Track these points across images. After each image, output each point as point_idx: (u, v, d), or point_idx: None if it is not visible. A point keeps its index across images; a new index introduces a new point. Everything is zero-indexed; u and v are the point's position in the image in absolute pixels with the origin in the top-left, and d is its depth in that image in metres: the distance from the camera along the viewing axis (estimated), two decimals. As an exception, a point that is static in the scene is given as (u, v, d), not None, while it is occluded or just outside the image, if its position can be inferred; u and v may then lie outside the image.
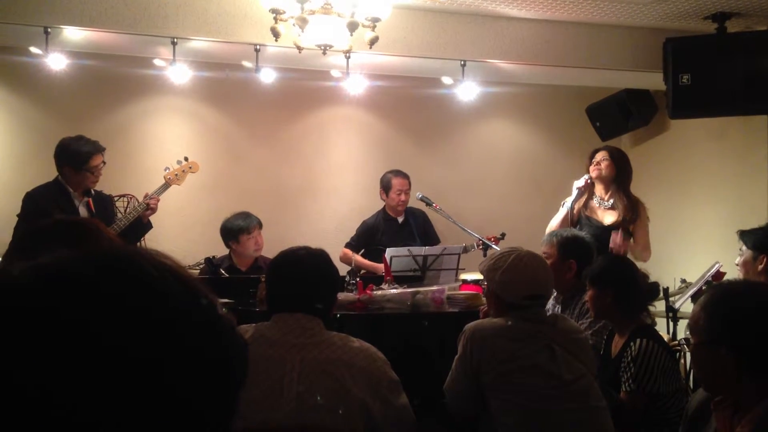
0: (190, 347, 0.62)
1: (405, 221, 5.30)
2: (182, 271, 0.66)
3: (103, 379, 0.56)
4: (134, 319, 0.59)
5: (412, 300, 3.56)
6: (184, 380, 0.61)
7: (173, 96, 5.48)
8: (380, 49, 4.31)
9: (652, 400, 2.82)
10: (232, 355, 0.66)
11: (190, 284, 0.66)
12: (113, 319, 0.58)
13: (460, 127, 6.17)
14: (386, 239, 5.09)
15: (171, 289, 0.63)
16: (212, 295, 0.67)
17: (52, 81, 4.89)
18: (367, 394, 2.14)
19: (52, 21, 4.16)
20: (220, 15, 4.40)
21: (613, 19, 4.83)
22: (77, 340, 0.57)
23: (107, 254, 0.66)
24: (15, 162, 5.24)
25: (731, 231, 4.12)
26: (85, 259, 0.63)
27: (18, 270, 0.60)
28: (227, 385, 0.66)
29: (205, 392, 0.63)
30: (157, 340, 0.60)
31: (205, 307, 0.66)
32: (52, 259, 0.62)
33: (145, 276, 0.63)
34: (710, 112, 4.84)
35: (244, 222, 4.71)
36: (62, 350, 0.56)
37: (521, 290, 2.57)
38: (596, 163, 4.36)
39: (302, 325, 2.21)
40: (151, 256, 0.66)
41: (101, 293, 0.59)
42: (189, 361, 0.61)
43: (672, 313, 4.06)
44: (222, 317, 0.67)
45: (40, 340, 0.56)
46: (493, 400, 2.48)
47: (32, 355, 0.55)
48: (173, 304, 0.62)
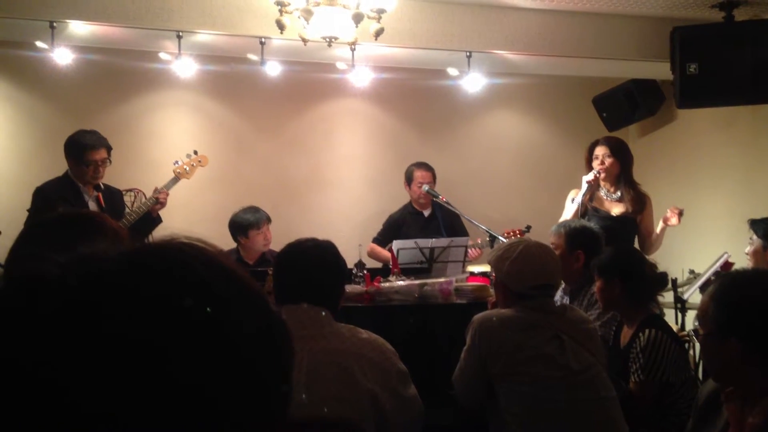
0: (239, 349, 0.60)
1: (431, 215, 5.19)
2: (231, 265, 0.64)
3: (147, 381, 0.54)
4: (177, 315, 0.57)
5: (420, 292, 3.56)
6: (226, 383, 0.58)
7: (179, 90, 5.48)
8: (386, 41, 4.29)
9: (662, 391, 2.82)
10: (285, 355, 0.65)
11: (241, 281, 0.63)
12: (156, 318, 0.56)
13: (466, 119, 6.15)
14: (412, 233, 4.98)
15: (221, 285, 0.61)
16: (262, 289, 0.65)
17: (58, 75, 4.89)
18: (376, 385, 2.14)
19: (58, 15, 4.16)
20: (225, 8, 4.39)
21: (619, 9, 4.80)
22: (121, 342, 0.55)
23: (151, 247, 0.64)
24: (22, 157, 5.25)
25: (739, 221, 4.10)
26: (124, 256, 0.61)
27: (57, 265, 0.58)
28: (280, 388, 0.64)
29: (257, 399, 0.61)
30: (201, 341, 0.58)
31: (256, 304, 0.63)
32: (92, 252, 0.60)
33: (192, 272, 0.60)
34: (718, 102, 4.81)
35: (253, 217, 4.71)
36: (105, 353, 0.54)
37: (529, 280, 2.57)
38: (598, 160, 4.35)
39: (310, 317, 2.21)
40: (201, 250, 0.63)
41: (142, 294, 0.57)
42: (237, 365, 0.59)
43: (680, 303, 4.05)
44: (275, 315, 0.65)
45: (88, 341, 0.54)
46: (501, 391, 2.48)
47: (80, 358, 0.54)
48: (223, 305, 0.60)
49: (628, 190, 4.35)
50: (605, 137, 4.61)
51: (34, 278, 0.58)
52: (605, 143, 4.43)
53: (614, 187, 4.40)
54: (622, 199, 4.35)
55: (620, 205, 4.35)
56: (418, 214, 5.20)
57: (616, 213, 4.32)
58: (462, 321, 2.71)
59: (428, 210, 5.19)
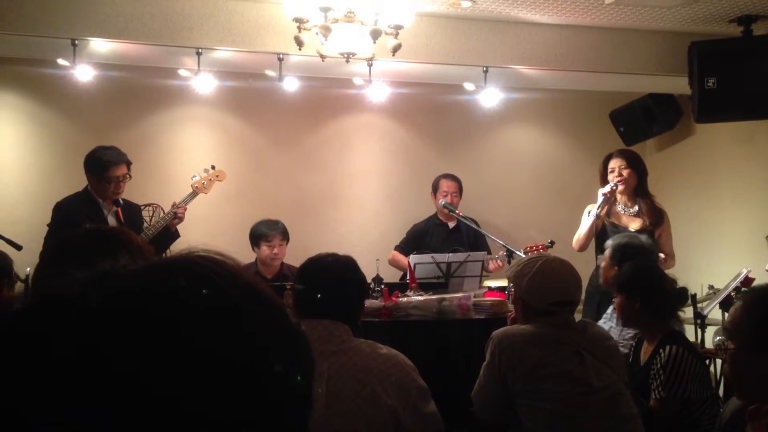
0: (263, 357, 0.60)
1: (456, 227, 5.21)
2: (249, 277, 0.64)
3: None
4: (203, 325, 0.58)
5: (438, 307, 3.55)
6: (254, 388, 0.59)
7: (198, 106, 5.53)
8: (403, 57, 4.32)
9: (683, 408, 2.78)
10: (306, 367, 0.64)
11: (260, 292, 0.64)
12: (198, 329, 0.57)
13: (482, 134, 6.15)
14: (435, 243, 5.03)
15: (244, 303, 0.61)
16: (281, 300, 0.65)
17: (79, 92, 4.96)
18: (396, 401, 2.13)
19: (80, 33, 4.22)
20: (244, 25, 4.43)
21: (636, 24, 4.80)
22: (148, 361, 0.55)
23: (170, 263, 0.64)
24: (43, 172, 5.31)
25: (759, 236, 4.07)
26: (145, 271, 0.61)
27: (78, 281, 0.58)
28: (302, 396, 0.63)
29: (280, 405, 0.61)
30: (228, 354, 0.58)
31: (276, 315, 0.64)
32: (112, 268, 0.60)
33: (212, 284, 0.60)
34: (736, 116, 4.78)
35: (267, 229, 4.74)
36: (129, 375, 0.54)
37: (548, 296, 2.55)
38: (615, 172, 4.33)
39: (330, 332, 2.21)
40: (220, 263, 0.63)
41: (165, 303, 0.57)
42: (262, 371, 0.59)
43: (700, 319, 4.01)
44: (296, 329, 0.65)
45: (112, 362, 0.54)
46: (521, 408, 2.47)
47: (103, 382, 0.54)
48: (247, 321, 0.60)
49: (645, 202, 4.33)
50: (619, 150, 4.60)
51: (56, 299, 0.58)
52: (620, 155, 4.42)
53: (631, 201, 4.38)
54: (639, 214, 4.33)
55: (637, 220, 4.33)
56: (442, 225, 5.23)
57: (634, 228, 4.29)
58: (481, 336, 2.70)
59: (453, 222, 5.20)
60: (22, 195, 5.25)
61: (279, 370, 0.60)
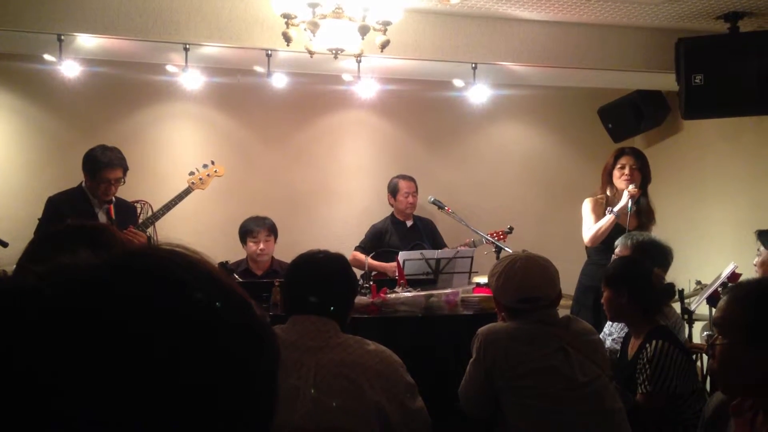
0: (225, 350, 0.59)
1: (413, 225, 5.36)
2: (213, 269, 0.64)
3: (126, 384, 0.54)
4: (160, 319, 0.57)
5: (426, 303, 3.56)
6: (215, 383, 0.58)
7: (186, 102, 5.51)
8: (391, 53, 4.31)
9: (669, 402, 2.80)
10: (270, 361, 0.64)
11: (223, 284, 0.63)
12: (135, 320, 0.56)
13: (471, 130, 6.16)
14: (395, 241, 5.17)
15: (202, 288, 0.60)
16: (246, 293, 0.65)
17: (66, 88, 4.93)
18: (383, 397, 2.13)
19: (66, 28, 4.20)
20: (232, 21, 4.42)
21: (624, 20, 4.81)
22: (98, 346, 0.54)
23: (129, 254, 0.64)
24: (29, 169, 5.28)
25: (746, 232, 4.09)
26: (103, 261, 0.61)
27: (35, 273, 0.58)
28: (266, 390, 0.63)
29: (244, 400, 0.60)
30: (186, 343, 0.57)
31: (239, 306, 0.63)
32: (71, 262, 0.60)
33: (173, 275, 0.60)
34: (724, 113, 4.81)
35: (254, 225, 4.74)
36: (82, 358, 0.54)
37: (515, 294, 2.58)
38: (625, 170, 4.35)
39: (317, 328, 2.22)
40: (182, 256, 0.63)
41: (121, 295, 0.57)
42: (223, 366, 0.59)
43: (687, 315, 4.03)
44: (259, 319, 0.64)
45: (59, 343, 0.54)
46: (507, 403, 2.48)
47: (55, 365, 0.54)
48: (201, 303, 0.60)
49: (646, 201, 4.38)
50: (632, 147, 4.63)
51: (10, 289, 0.58)
52: (633, 154, 4.45)
53: (633, 200, 4.41)
54: (639, 213, 4.37)
55: (635, 219, 4.36)
56: (401, 224, 5.35)
57: (632, 226, 4.32)
58: (469, 332, 2.70)
59: (410, 221, 5.37)
60: (9, 191, 5.22)
61: (242, 356, 0.60)
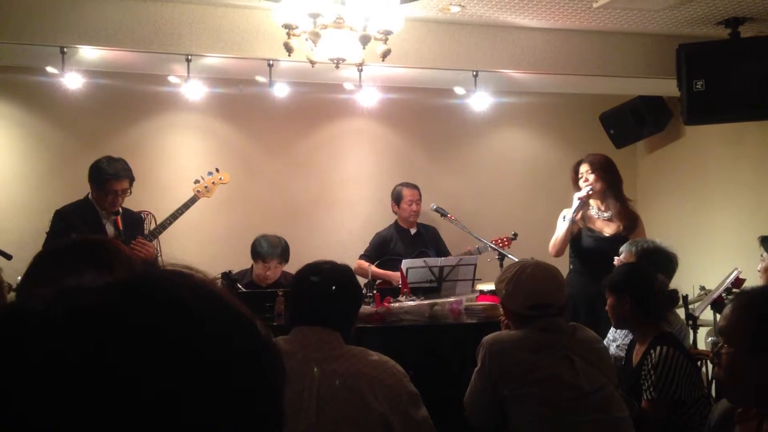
0: (234, 382, 0.59)
1: (417, 233, 5.36)
2: (217, 290, 0.63)
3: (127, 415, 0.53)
4: (161, 347, 0.56)
5: (430, 311, 3.56)
6: (223, 416, 0.57)
7: (188, 112, 5.52)
8: (393, 62, 4.32)
9: (674, 408, 2.79)
10: (275, 382, 0.63)
11: (231, 308, 0.62)
12: (138, 351, 0.55)
13: (473, 138, 6.17)
14: (400, 248, 5.15)
15: (207, 313, 0.60)
16: (252, 313, 0.64)
17: (69, 100, 4.94)
18: (386, 407, 2.13)
19: (68, 41, 4.22)
20: (233, 31, 4.43)
21: (625, 27, 4.82)
22: (105, 375, 0.54)
23: (134, 279, 0.63)
24: (33, 181, 5.29)
25: (749, 237, 4.09)
26: (111, 286, 0.60)
27: (41, 299, 0.57)
28: (272, 413, 0.62)
29: (251, 425, 0.60)
30: (191, 371, 0.56)
31: (247, 332, 0.62)
32: (76, 287, 0.59)
33: (176, 299, 0.60)
34: (725, 118, 4.81)
35: (265, 250, 4.64)
36: (90, 387, 0.53)
37: (524, 300, 2.57)
38: (582, 177, 4.37)
39: (321, 339, 2.21)
40: (188, 278, 0.62)
41: (128, 324, 0.56)
42: (232, 396, 0.58)
43: (692, 320, 4.02)
44: (265, 340, 0.64)
45: (60, 376, 0.53)
46: (512, 412, 2.47)
47: (51, 394, 0.53)
48: (209, 330, 0.59)
49: (617, 206, 4.34)
50: (588, 154, 4.59)
51: (18, 314, 0.58)
52: (586, 160, 4.45)
53: (604, 205, 4.40)
54: (612, 218, 4.36)
55: (611, 224, 4.36)
56: (405, 231, 5.36)
57: (608, 233, 4.32)
58: (473, 341, 2.70)
59: (414, 228, 5.37)
60: (12, 204, 5.23)
61: (248, 380, 0.60)
